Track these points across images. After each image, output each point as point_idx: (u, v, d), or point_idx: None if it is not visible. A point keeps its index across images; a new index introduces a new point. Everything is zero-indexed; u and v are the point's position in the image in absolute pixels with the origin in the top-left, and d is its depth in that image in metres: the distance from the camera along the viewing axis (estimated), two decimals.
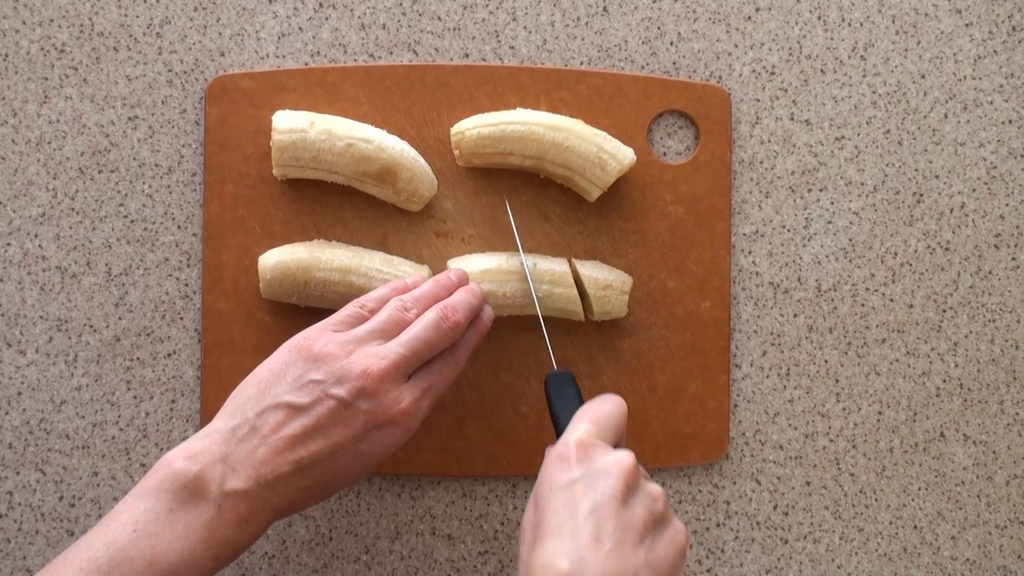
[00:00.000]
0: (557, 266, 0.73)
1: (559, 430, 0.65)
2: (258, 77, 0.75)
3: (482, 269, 0.72)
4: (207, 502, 0.57)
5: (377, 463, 0.62)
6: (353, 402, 0.59)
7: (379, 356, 0.61)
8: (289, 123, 0.72)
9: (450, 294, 0.67)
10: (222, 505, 0.57)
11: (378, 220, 0.75)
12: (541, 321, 0.71)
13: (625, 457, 0.57)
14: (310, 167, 0.72)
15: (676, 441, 0.77)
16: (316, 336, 0.62)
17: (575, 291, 0.73)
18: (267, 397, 0.60)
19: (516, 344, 0.76)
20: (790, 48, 0.79)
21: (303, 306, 0.73)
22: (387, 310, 0.64)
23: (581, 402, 0.65)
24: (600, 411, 0.61)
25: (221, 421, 0.60)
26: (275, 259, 0.72)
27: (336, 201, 0.75)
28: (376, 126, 0.74)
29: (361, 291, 0.71)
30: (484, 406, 0.76)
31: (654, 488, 0.58)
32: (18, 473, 0.75)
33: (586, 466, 0.56)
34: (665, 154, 0.78)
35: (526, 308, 0.73)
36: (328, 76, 0.75)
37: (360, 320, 0.64)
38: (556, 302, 0.73)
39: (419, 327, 0.63)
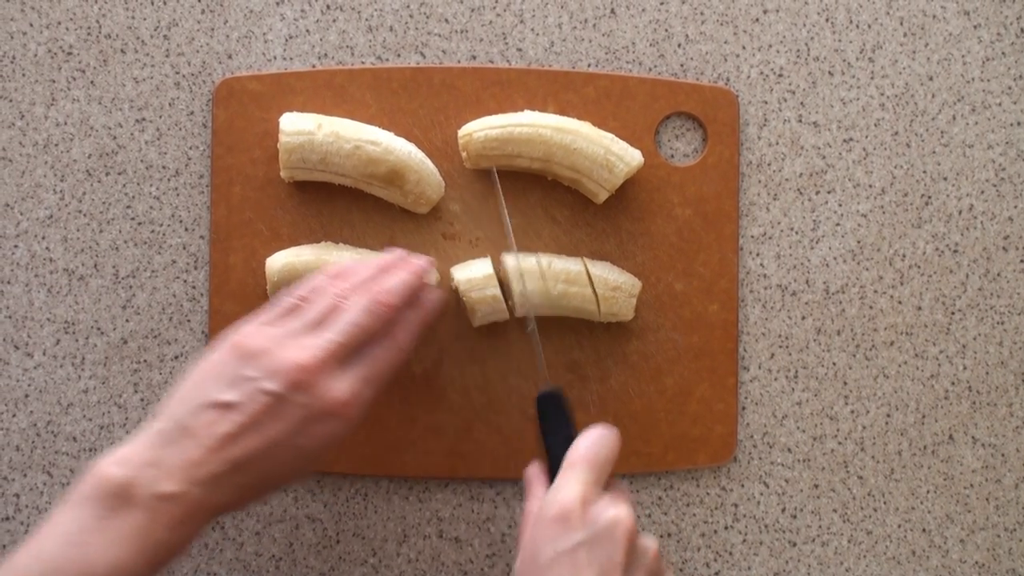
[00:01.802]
0: (572, 265, 0.73)
1: (549, 450, 0.64)
2: (265, 79, 0.75)
3: (486, 274, 0.72)
4: (138, 507, 0.55)
5: (320, 457, 0.61)
6: (287, 396, 0.58)
7: (312, 347, 0.59)
8: (296, 125, 0.72)
9: (387, 276, 0.65)
10: (154, 509, 0.55)
11: (385, 222, 0.75)
12: (535, 334, 0.71)
13: (626, 517, 0.57)
14: (317, 169, 0.72)
15: (684, 444, 0.77)
16: (248, 331, 0.60)
17: (590, 290, 0.73)
18: (199, 397, 0.58)
19: (524, 347, 0.76)
20: (798, 50, 0.79)
21: None
22: (321, 299, 0.62)
23: (572, 423, 0.65)
24: (597, 454, 0.60)
25: (153, 425, 0.58)
26: (282, 261, 0.72)
27: (343, 203, 0.75)
28: (383, 128, 0.74)
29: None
30: (492, 409, 0.76)
31: (649, 544, 0.58)
32: (25, 475, 0.75)
33: (589, 527, 0.56)
34: (673, 156, 0.78)
35: (541, 308, 0.73)
36: (335, 78, 0.75)
37: (294, 311, 0.62)
38: (571, 301, 0.73)
39: (351, 313, 0.61)
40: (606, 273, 0.74)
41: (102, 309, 0.75)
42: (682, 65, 0.78)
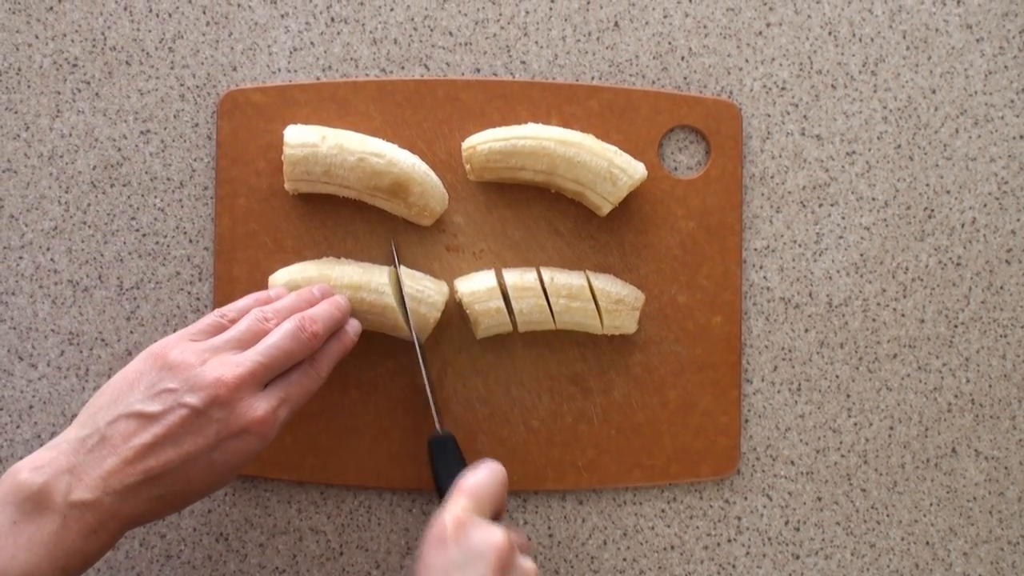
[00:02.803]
0: (574, 279, 0.73)
1: (441, 494, 0.65)
2: (270, 91, 0.75)
3: (489, 286, 0.72)
4: (52, 513, 0.56)
5: (234, 473, 0.62)
6: (206, 411, 0.59)
7: (234, 364, 0.60)
8: (301, 137, 0.72)
9: (312, 307, 0.67)
10: (68, 516, 0.56)
11: (389, 234, 0.75)
12: (425, 378, 0.71)
13: (499, 537, 0.58)
14: (321, 181, 0.72)
15: (687, 456, 0.77)
16: (172, 345, 0.61)
17: (592, 305, 0.73)
18: (119, 406, 0.59)
19: (527, 359, 0.76)
20: (801, 63, 0.79)
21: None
22: (246, 320, 0.64)
23: (463, 465, 0.66)
24: (477, 483, 0.62)
25: (72, 431, 0.59)
26: (286, 278, 0.72)
27: (347, 215, 0.75)
28: (388, 140, 0.74)
29: (372, 307, 0.71)
30: (494, 420, 0.76)
31: (527, 565, 0.60)
32: None
33: (462, 548, 0.58)
34: (676, 169, 0.78)
35: (543, 324, 0.73)
36: (340, 90, 0.75)
37: (219, 329, 0.64)
38: (574, 316, 0.73)
39: (276, 336, 0.63)
40: (609, 286, 0.74)
41: (106, 320, 0.75)
42: (685, 78, 0.78)
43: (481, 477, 0.62)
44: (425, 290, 0.72)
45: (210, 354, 0.61)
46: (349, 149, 0.71)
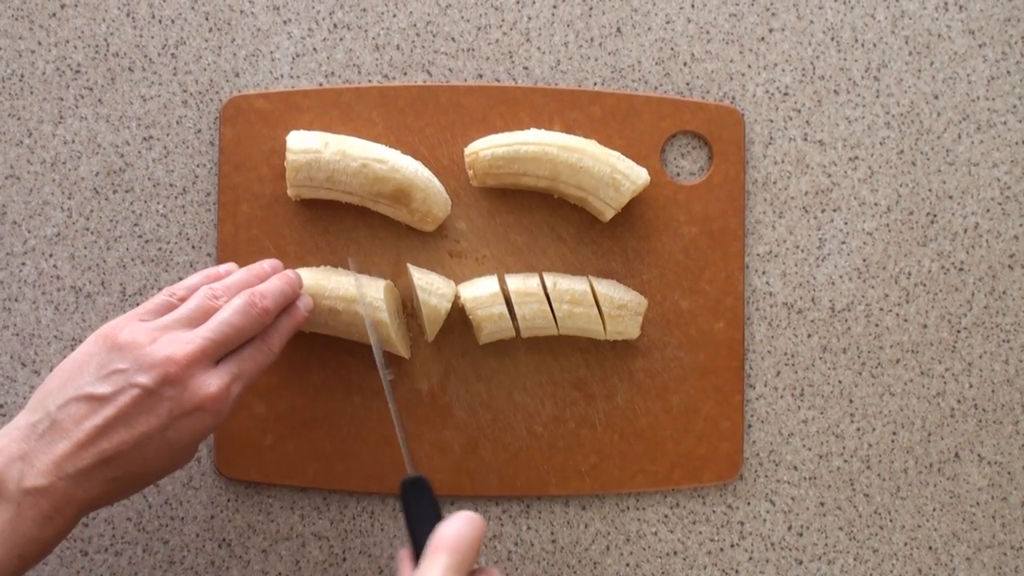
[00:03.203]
0: (577, 285, 0.73)
1: (414, 539, 0.63)
2: (272, 98, 0.75)
3: (492, 292, 0.73)
4: (6, 501, 0.56)
5: (190, 452, 0.61)
6: (157, 389, 0.58)
7: (184, 341, 0.60)
8: (303, 143, 0.72)
9: (262, 282, 0.66)
10: (21, 503, 0.56)
11: (392, 240, 0.75)
12: (396, 418, 0.69)
13: None
14: (324, 187, 0.72)
15: (690, 462, 0.77)
16: (122, 325, 0.61)
17: (595, 311, 0.73)
18: (69, 389, 0.58)
19: (529, 364, 0.76)
20: (803, 69, 0.79)
21: (308, 332, 0.73)
22: (195, 298, 0.63)
23: (437, 507, 0.64)
24: (458, 537, 0.59)
25: (23, 418, 0.59)
26: None
27: (350, 221, 0.75)
28: (390, 146, 0.74)
29: (352, 317, 0.71)
30: (497, 426, 0.76)
31: None
32: None
33: None
34: (679, 174, 0.78)
35: (546, 329, 0.73)
36: (342, 96, 0.76)
37: (168, 308, 0.63)
38: (576, 321, 0.73)
39: (227, 312, 0.62)
40: (612, 291, 0.74)
41: None
42: (688, 84, 0.78)
43: (462, 530, 0.60)
44: (434, 282, 0.72)
45: (160, 333, 0.60)
46: (352, 155, 0.71)
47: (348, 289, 0.71)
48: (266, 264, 0.68)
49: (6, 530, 0.55)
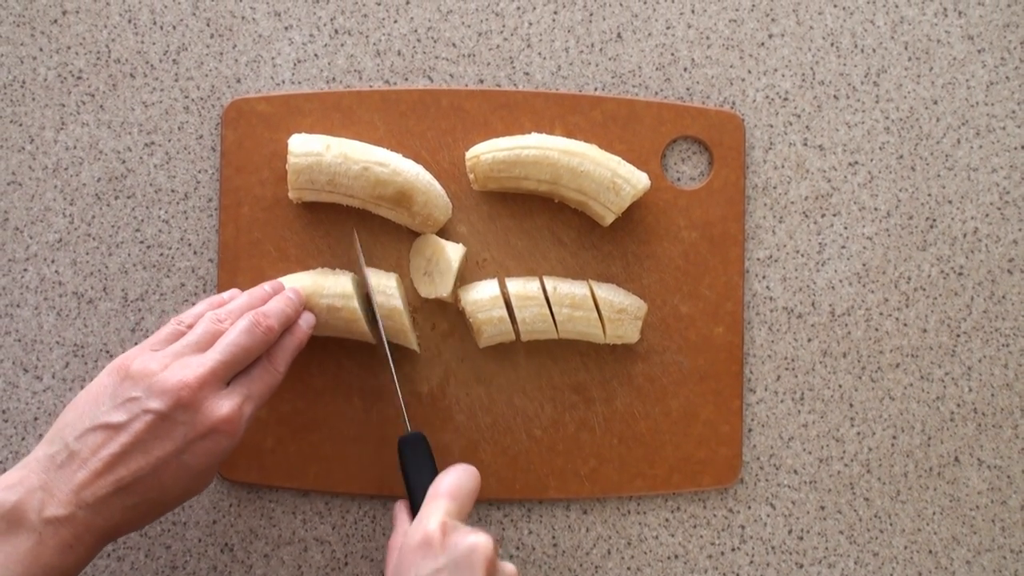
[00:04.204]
0: (577, 289, 0.74)
1: (411, 492, 0.67)
2: (274, 101, 0.76)
3: (493, 295, 0.73)
4: (27, 531, 0.56)
5: (208, 476, 0.62)
6: (171, 414, 0.59)
7: (195, 365, 0.61)
8: (305, 146, 0.72)
9: (264, 303, 0.67)
10: (43, 533, 0.57)
11: (393, 243, 0.76)
12: (394, 377, 0.71)
13: (484, 543, 0.59)
14: (326, 190, 0.72)
15: (689, 466, 0.77)
16: (134, 356, 0.62)
17: (595, 314, 0.73)
18: (85, 420, 0.60)
19: (529, 368, 0.76)
20: (803, 74, 0.79)
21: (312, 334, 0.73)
22: (202, 323, 0.65)
23: (434, 464, 0.67)
24: (457, 485, 0.63)
25: (41, 450, 0.60)
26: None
27: (351, 224, 0.75)
28: (391, 150, 0.74)
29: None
30: (497, 429, 0.76)
31: (508, 568, 0.60)
32: None
33: (449, 553, 0.58)
34: (679, 179, 0.78)
35: (546, 333, 0.73)
36: (344, 100, 0.76)
37: (177, 336, 0.64)
38: (576, 325, 0.73)
39: (233, 334, 0.63)
40: (612, 295, 0.74)
41: (111, 332, 0.76)
42: (688, 89, 0.79)
43: (460, 479, 0.63)
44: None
45: (170, 359, 0.62)
46: (353, 158, 0.72)
47: (346, 286, 0.71)
48: (267, 286, 0.70)
49: (28, 559, 0.56)
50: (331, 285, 0.71)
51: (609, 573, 0.77)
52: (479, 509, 0.77)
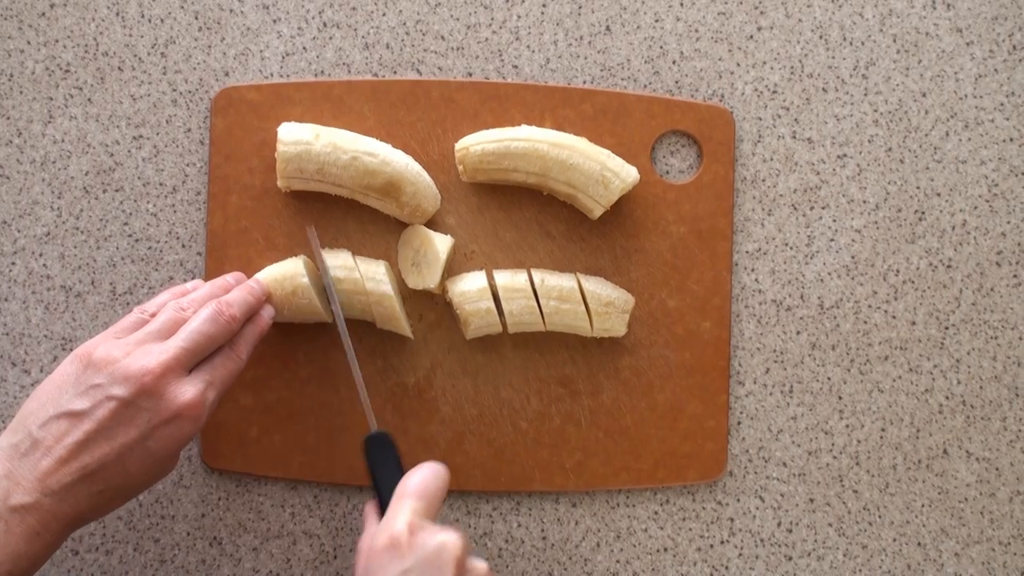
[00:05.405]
0: (565, 282, 0.74)
1: (379, 492, 0.66)
2: (264, 90, 0.76)
3: (480, 287, 0.73)
4: None
5: (172, 461, 0.63)
6: (134, 400, 0.60)
7: (158, 352, 0.61)
8: (294, 135, 0.72)
9: (227, 293, 0.68)
10: (9, 521, 0.57)
11: (381, 233, 0.76)
12: (359, 377, 0.70)
13: (453, 542, 0.58)
14: (314, 179, 0.72)
15: (674, 460, 0.77)
16: (96, 343, 0.62)
17: (583, 307, 0.73)
18: (48, 408, 0.60)
19: (516, 360, 0.76)
20: (792, 67, 0.79)
21: (297, 322, 0.73)
22: (165, 311, 0.65)
23: (399, 463, 0.67)
24: (424, 484, 0.62)
25: (4, 439, 0.60)
26: (269, 276, 0.72)
27: (340, 214, 0.75)
28: (381, 140, 0.74)
29: (368, 296, 0.71)
30: (483, 421, 0.76)
31: (480, 566, 0.60)
32: None
33: (417, 553, 0.58)
34: (668, 173, 0.78)
35: (533, 325, 0.73)
36: (334, 90, 0.76)
37: (141, 325, 0.65)
38: (563, 318, 0.73)
39: (196, 322, 0.64)
40: (599, 288, 0.74)
41: (99, 326, 0.76)
42: (677, 82, 0.79)
43: (427, 477, 0.62)
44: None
45: (133, 347, 0.62)
46: (342, 147, 0.72)
47: (347, 259, 0.72)
48: (230, 277, 0.70)
49: None
50: (331, 259, 0.72)
51: (598, 566, 0.77)
52: (467, 501, 0.77)
